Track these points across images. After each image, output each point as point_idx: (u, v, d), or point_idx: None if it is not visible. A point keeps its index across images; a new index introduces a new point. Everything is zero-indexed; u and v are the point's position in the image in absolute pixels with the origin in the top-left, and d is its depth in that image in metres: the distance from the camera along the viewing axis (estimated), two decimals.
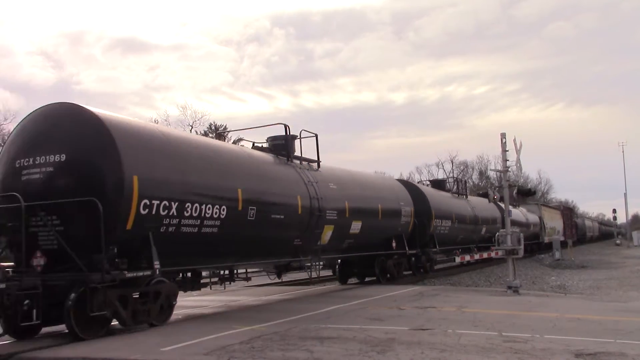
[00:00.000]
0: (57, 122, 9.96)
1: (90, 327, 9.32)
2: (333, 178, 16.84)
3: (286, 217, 13.98)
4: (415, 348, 7.90)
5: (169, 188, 10.40)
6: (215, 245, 11.82)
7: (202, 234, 11.24)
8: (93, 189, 9.32)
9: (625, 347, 7.95)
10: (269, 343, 8.39)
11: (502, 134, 17.69)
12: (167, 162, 10.62)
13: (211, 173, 11.78)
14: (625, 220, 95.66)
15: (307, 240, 15.00)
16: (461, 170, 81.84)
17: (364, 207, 17.75)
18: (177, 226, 10.58)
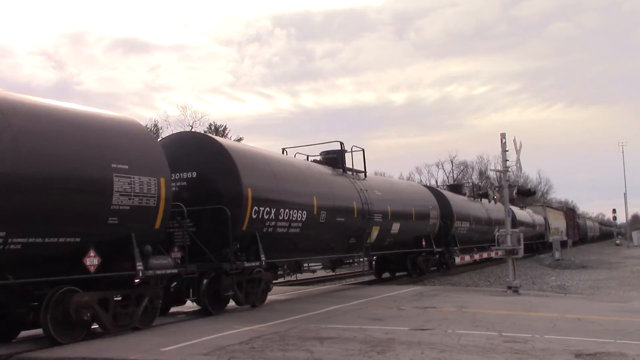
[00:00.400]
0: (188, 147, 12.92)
1: (217, 305, 12.35)
2: (377, 186, 19.61)
3: (346, 220, 16.72)
4: (415, 348, 7.90)
5: (268, 197, 13.25)
6: (296, 243, 14.72)
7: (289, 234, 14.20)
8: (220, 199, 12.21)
9: (625, 347, 7.95)
10: (269, 343, 8.40)
11: (502, 134, 17.71)
12: (267, 177, 13.58)
13: (295, 184, 14.68)
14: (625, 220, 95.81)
15: (359, 238, 17.84)
16: (461, 171, 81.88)
17: (401, 210, 20.46)
18: (274, 227, 13.52)
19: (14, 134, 8.04)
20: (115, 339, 9.28)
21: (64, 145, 8.75)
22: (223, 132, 50.35)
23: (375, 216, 18.34)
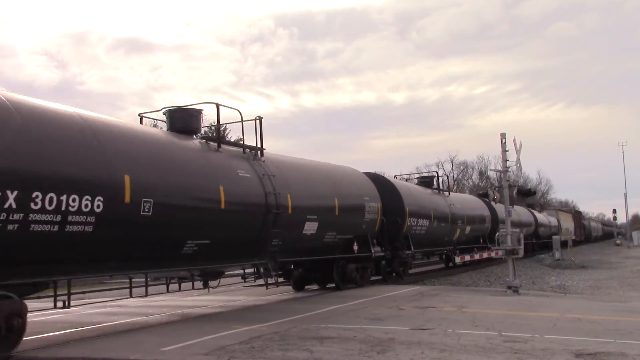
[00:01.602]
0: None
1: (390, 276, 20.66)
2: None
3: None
4: (415, 348, 7.90)
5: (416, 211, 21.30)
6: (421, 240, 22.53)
7: None
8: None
9: (625, 347, 7.95)
10: (269, 343, 8.39)
11: (502, 134, 17.70)
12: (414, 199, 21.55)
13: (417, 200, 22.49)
14: (625, 220, 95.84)
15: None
16: (461, 170, 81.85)
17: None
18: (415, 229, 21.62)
19: None
20: (116, 338, 9.28)
21: None
22: (223, 132, 50.30)
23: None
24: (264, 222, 13.16)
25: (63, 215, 8.62)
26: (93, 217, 9.06)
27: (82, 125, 9.65)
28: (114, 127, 10.55)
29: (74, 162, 9.03)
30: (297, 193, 14.48)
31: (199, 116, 13.17)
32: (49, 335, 10.00)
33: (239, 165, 13.08)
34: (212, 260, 12.32)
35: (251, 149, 14.09)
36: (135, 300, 12.66)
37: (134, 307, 14.62)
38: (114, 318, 12.69)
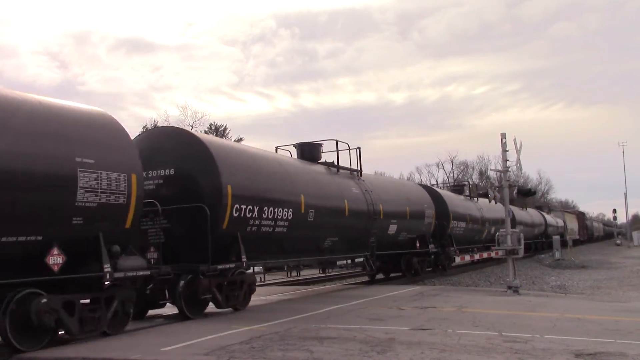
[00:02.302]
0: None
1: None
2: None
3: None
4: (415, 348, 7.90)
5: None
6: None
7: None
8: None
9: (625, 347, 7.95)
10: (269, 343, 8.39)
11: (502, 134, 17.72)
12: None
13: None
14: (625, 220, 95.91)
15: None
16: (461, 170, 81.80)
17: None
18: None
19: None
20: (116, 339, 9.28)
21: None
22: (223, 132, 50.35)
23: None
24: (367, 225, 17.81)
25: (275, 221, 13.42)
26: (287, 222, 13.80)
27: (276, 160, 14.94)
28: (286, 159, 15.90)
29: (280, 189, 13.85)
30: (385, 204, 19.05)
31: (320, 148, 17.56)
32: None
33: (351, 184, 17.74)
34: (339, 252, 17.19)
35: (354, 171, 18.42)
36: None
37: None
38: None
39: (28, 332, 8.30)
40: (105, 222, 9.17)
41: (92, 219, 8.93)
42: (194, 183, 11.77)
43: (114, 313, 9.53)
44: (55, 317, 8.51)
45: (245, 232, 12.49)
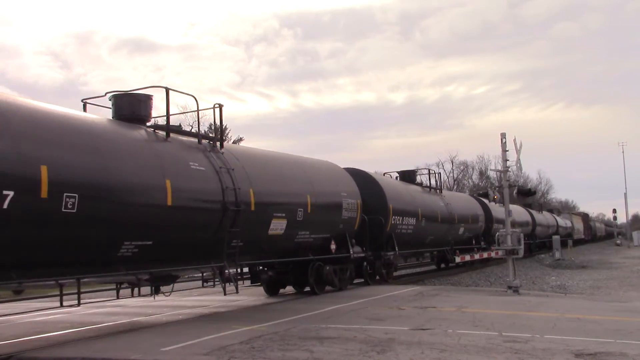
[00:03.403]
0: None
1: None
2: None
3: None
4: (415, 348, 7.90)
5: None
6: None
7: None
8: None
9: (626, 347, 7.95)
10: (269, 343, 8.39)
11: (502, 134, 17.71)
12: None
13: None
14: (625, 220, 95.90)
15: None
16: (461, 170, 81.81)
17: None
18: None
19: None
20: (116, 338, 9.28)
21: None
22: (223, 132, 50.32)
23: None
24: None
25: (408, 226, 22.02)
26: (412, 226, 22.02)
27: (406, 186, 23.66)
28: (408, 185, 24.03)
29: (411, 205, 22.54)
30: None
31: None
32: (49, 335, 10.00)
33: (438, 199, 23.89)
34: (435, 246, 25.61)
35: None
36: (136, 300, 12.68)
37: (134, 307, 14.62)
38: (114, 318, 12.69)
39: (320, 283, 16.11)
40: (349, 227, 17.08)
41: (345, 225, 16.81)
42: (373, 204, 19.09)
43: (349, 275, 17.47)
44: (331, 277, 16.36)
45: (396, 233, 20.06)
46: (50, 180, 8.40)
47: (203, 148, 12.27)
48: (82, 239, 9.10)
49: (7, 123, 8.29)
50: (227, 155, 12.69)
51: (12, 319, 11.89)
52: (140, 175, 10.17)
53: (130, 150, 10.31)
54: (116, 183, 9.58)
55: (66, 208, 8.62)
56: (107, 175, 9.45)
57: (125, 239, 9.84)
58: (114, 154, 9.84)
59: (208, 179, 11.67)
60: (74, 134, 9.41)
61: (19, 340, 9.49)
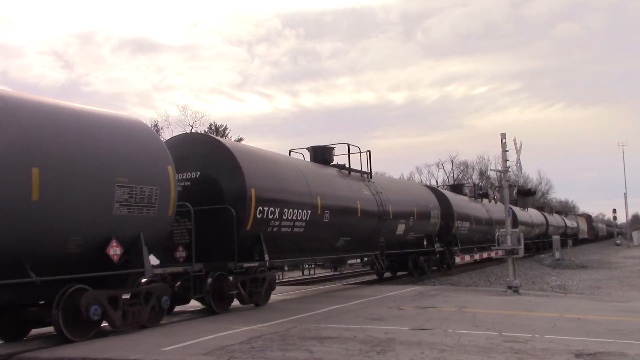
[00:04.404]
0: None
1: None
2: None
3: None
4: (415, 348, 7.90)
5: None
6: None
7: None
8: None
9: (626, 347, 7.95)
10: (269, 343, 8.39)
11: (502, 134, 17.72)
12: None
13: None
14: (625, 220, 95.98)
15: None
16: (461, 171, 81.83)
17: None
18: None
19: None
20: (116, 339, 9.28)
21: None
22: (223, 132, 50.36)
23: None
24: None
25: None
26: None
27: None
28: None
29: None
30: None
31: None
32: (49, 335, 9.99)
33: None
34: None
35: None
36: None
37: None
38: None
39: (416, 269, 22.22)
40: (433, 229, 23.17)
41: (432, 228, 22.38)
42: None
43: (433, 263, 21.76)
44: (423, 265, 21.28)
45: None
46: (322, 204, 15.21)
47: (363, 179, 19.01)
48: (328, 238, 16.33)
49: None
50: (376, 184, 19.49)
51: None
52: (346, 198, 16.94)
53: (338, 182, 17.22)
54: (340, 203, 16.40)
55: (325, 219, 15.42)
56: (336, 199, 16.28)
57: (342, 236, 16.90)
58: (331, 184, 16.64)
59: (371, 200, 18.43)
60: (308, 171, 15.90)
61: (19, 340, 9.48)
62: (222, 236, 12.29)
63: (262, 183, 13.18)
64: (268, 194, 13.23)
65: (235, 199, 12.36)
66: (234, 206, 12.22)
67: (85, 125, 9.46)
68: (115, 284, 9.77)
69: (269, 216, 13.24)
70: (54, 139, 8.68)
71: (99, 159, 9.28)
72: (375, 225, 18.54)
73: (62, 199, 8.61)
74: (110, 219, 9.35)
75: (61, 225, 8.68)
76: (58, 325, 8.82)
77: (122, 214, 9.52)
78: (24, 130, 8.29)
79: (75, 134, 9.11)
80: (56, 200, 8.50)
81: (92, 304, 9.08)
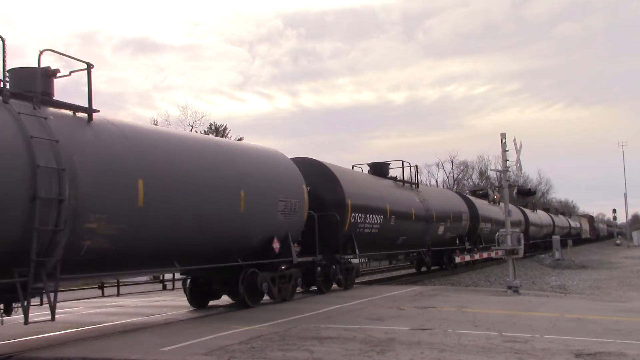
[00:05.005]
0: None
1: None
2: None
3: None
4: (415, 348, 7.90)
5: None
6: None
7: None
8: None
9: (626, 347, 7.95)
10: (268, 343, 8.39)
11: (502, 134, 17.72)
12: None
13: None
14: (625, 220, 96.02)
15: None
16: (461, 170, 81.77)
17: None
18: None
19: None
20: (116, 339, 9.29)
21: None
22: (223, 132, 50.30)
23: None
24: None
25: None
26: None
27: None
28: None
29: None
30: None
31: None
32: (49, 335, 10.00)
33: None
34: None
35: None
36: (135, 300, 12.68)
37: (134, 307, 14.63)
38: (114, 318, 12.69)
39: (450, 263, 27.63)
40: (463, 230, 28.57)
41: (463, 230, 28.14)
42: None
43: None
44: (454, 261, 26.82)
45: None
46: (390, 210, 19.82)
47: (412, 189, 23.25)
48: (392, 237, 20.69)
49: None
50: (422, 192, 23.88)
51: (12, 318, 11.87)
52: (404, 205, 21.34)
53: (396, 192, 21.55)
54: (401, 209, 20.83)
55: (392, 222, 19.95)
56: (398, 206, 20.58)
57: (401, 235, 21.10)
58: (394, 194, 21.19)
59: (420, 206, 22.82)
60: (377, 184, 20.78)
61: (19, 340, 9.49)
62: (327, 235, 15.97)
63: (354, 195, 17.39)
64: (358, 203, 17.38)
65: (336, 207, 16.39)
66: (336, 213, 16.23)
67: (264, 161, 14.13)
68: (271, 268, 13.68)
69: (358, 220, 17.46)
70: (253, 171, 13.26)
71: (271, 183, 13.62)
72: (424, 227, 23.02)
73: (256, 211, 12.90)
74: (275, 223, 13.61)
75: (255, 228, 12.98)
76: (242, 296, 12.94)
77: (280, 219, 13.73)
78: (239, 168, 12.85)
79: (261, 168, 13.62)
80: (254, 213, 12.84)
81: (263, 281, 13.23)
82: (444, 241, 25.86)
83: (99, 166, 9.36)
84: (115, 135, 10.12)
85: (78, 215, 8.79)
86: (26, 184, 8.15)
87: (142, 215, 9.95)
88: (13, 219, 8.05)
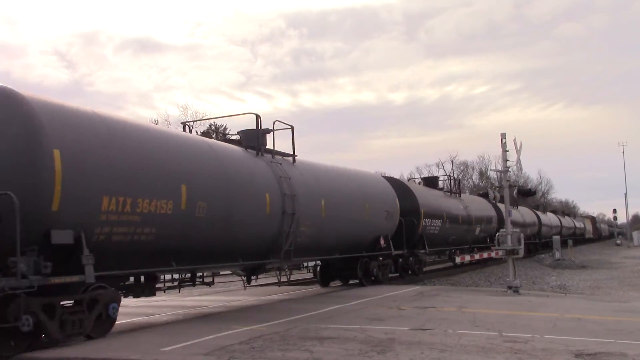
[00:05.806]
0: None
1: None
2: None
3: None
4: (415, 348, 7.90)
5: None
6: None
7: None
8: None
9: (626, 347, 7.95)
10: (269, 343, 8.39)
11: (502, 134, 17.71)
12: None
13: None
14: (625, 220, 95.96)
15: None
16: (461, 170, 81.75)
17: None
18: None
19: None
20: (116, 339, 9.29)
21: None
22: (223, 132, 50.21)
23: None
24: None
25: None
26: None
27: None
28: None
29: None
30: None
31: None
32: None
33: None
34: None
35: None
36: (135, 299, 12.67)
37: (134, 307, 14.62)
38: None
39: None
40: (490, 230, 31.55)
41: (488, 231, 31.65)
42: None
43: None
44: None
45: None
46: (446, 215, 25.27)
47: (456, 197, 28.11)
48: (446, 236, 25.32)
49: None
50: (463, 200, 28.66)
51: None
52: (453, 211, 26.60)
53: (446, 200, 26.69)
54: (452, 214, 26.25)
55: (447, 225, 25.17)
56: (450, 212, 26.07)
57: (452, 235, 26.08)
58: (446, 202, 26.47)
59: (463, 211, 27.72)
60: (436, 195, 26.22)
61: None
62: (406, 235, 20.95)
63: (425, 205, 22.80)
64: (427, 211, 22.88)
65: (413, 214, 21.68)
66: (414, 218, 21.62)
67: (375, 184, 20.04)
68: (376, 258, 19.02)
69: (427, 224, 22.81)
70: (371, 191, 19.02)
71: (381, 198, 19.41)
72: (467, 228, 27.95)
73: (374, 218, 18.53)
74: (383, 226, 19.16)
75: (372, 229, 18.59)
76: (360, 278, 18.42)
77: (385, 223, 19.27)
78: (364, 189, 18.71)
79: (374, 188, 19.45)
80: (373, 219, 18.41)
81: (374, 268, 18.71)
82: (478, 240, 30.82)
83: (304, 192, 14.60)
84: (309, 172, 15.76)
85: (299, 223, 14.04)
86: (280, 205, 13.49)
87: (324, 223, 15.46)
88: (275, 225, 13.37)
